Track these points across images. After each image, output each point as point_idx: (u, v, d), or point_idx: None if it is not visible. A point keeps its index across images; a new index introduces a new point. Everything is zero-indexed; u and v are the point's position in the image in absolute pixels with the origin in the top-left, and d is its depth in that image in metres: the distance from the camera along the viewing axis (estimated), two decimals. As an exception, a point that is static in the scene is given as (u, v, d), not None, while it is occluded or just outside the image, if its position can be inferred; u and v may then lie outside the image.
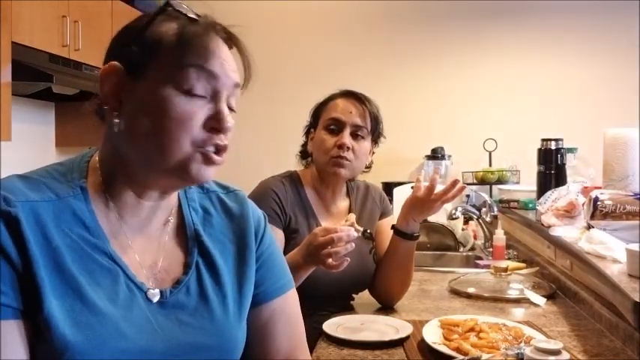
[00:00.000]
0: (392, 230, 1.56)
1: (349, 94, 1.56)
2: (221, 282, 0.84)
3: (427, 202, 1.46)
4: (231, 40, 0.80)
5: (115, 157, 0.78)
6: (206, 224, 0.87)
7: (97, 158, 0.81)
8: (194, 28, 0.75)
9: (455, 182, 1.45)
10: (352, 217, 1.33)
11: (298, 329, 0.94)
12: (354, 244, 1.25)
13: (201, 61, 0.74)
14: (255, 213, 0.94)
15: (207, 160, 0.75)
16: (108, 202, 0.78)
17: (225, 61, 0.76)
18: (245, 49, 0.82)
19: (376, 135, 1.58)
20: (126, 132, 0.75)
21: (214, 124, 0.74)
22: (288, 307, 0.93)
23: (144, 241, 0.81)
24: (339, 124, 1.52)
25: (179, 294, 0.79)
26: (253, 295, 0.88)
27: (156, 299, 0.77)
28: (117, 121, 0.75)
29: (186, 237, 0.85)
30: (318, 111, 1.59)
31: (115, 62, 0.76)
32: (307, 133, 1.63)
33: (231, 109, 0.78)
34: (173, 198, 0.85)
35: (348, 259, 1.25)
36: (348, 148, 1.50)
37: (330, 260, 1.24)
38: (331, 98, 1.57)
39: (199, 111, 0.74)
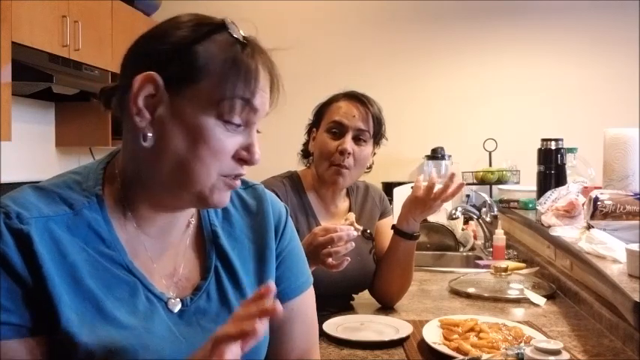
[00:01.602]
0: (392, 230, 1.56)
1: (352, 96, 1.54)
2: (240, 285, 0.82)
3: (427, 201, 1.46)
4: (270, 66, 0.77)
5: (135, 168, 0.75)
6: (225, 224, 0.85)
7: (117, 165, 0.78)
8: (245, 57, 0.72)
9: (452, 176, 1.44)
10: (352, 215, 1.33)
11: (314, 329, 0.94)
12: (354, 244, 1.25)
13: (248, 94, 0.72)
14: (276, 207, 0.91)
15: (229, 186, 0.75)
16: (126, 212, 0.76)
17: (266, 93, 0.75)
18: (278, 76, 0.79)
19: (378, 137, 1.57)
20: (153, 148, 0.71)
21: (245, 156, 0.74)
22: (306, 306, 0.92)
23: (163, 250, 0.79)
24: (341, 127, 1.50)
25: (200, 300, 0.78)
26: None
27: (177, 309, 0.76)
28: (149, 135, 0.71)
29: (204, 240, 0.83)
30: (320, 111, 1.58)
31: (153, 73, 0.70)
32: (309, 132, 1.62)
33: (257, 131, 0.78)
34: None
35: (349, 259, 1.25)
36: (349, 153, 1.49)
37: (330, 260, 1.23)
38: (334, 99, 1.56)
39: (232, 142, 0.73)
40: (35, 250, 0.66)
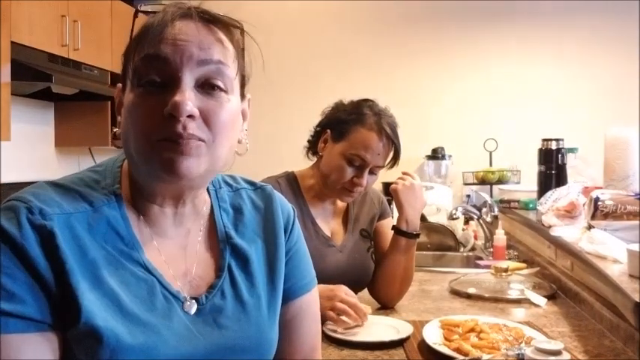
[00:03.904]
0: (392, 231, 1.55)
1: (382, 128, 1.48)
2: (254, 282, 0.82)
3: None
4: (214, 21, 0.74)
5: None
6: (238, 224, 0.86)
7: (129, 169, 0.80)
8: (148, 21, 0.72)
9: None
10: (368, 309, 1.39)
11: (318, 327, 0.94)
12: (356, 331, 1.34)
13: (147, 50, 0.70)
14: (285, 207, 0.92)
15: (172, 150, 0.69)
16: (138, 213, 0.77)
17: (184, 41, 0.70)
18: (230, 30, 0.76)
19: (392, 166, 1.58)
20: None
21: (169, 111, 0.68)
22: (312, 304, 0.92)
23: (175, 251, 0.79)
24: (362, 162, 1.47)
25: (215, 298, 0.78)
26: None
27: (193, 311, 0.76)
28: (117, 133, 0.76)
29: (218, 239, 0.83)
30: (345, 125, 1.50)
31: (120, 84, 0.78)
32: (321, 128, 1.57)
33: (216, 86, 0.73)
34: (201, 204, 0.83)
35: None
36: (363, 186, 1.50)
37: (329, 315, 1.32)
38: (363, 122, 1.49)
39: (156, 102, 0.70)
40: (58, 246, 0.67)
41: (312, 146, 1.60)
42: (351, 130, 1.49)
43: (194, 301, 0.76)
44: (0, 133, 2.40)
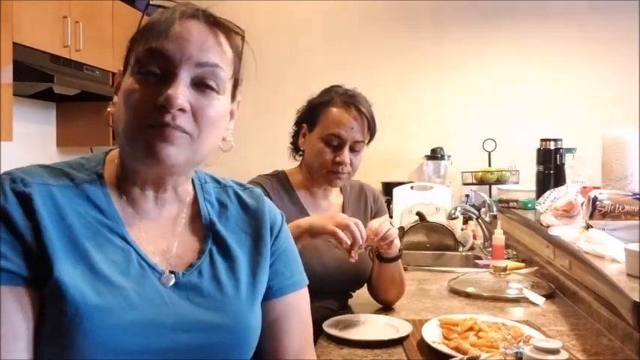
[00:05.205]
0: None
1: (350, 103, 1.51)
2: (235, 268, 0.84)
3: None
4: (217, 25, 0.80)
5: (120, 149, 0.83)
6: (222, 216, 0.89)
7: (118, 151, 0.85)
8: (157, 16, 0.78)
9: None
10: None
11: (308, 328, 0.95)
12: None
13: (151, 43, 0.76)
14: (272, 210, 0.94)
15: (159, 137, 0.74)
16: (121, 194, 0.81)
17: (187, 40, 0.76)
18: (231, 35, 0.82)
19: (371, 138, 1.58)
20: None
21: (162, 102, 0.74)
22: (300, 304, 0.93)
23: (157, 231, 0.82)
24: (339, 140, 1.49)
25: (191, 276, 0.80)
26: (267, 287, 0.88)
27: (170, 283, 0.78)
28: (111, 112, 0.82)
29: (201, 227, 0.86)
30: (315, 111, 1.55)
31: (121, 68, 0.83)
32: (298, 125, 1.61)
33: (209, 87, 0.78)
34: (184, 194, 0.87)
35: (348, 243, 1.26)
36: (346, 164, 1.50)
37: (330, 229, 1.24)
38: (330, 102, 1.53)
39: (151, 92, 0.75)
40: (35, 209, 0.71)
41: (295, 145, 1.63)
42: (322, 113, 1.53)
43: (172, 275, 0.79)
44: (2, 134, 2.41)
